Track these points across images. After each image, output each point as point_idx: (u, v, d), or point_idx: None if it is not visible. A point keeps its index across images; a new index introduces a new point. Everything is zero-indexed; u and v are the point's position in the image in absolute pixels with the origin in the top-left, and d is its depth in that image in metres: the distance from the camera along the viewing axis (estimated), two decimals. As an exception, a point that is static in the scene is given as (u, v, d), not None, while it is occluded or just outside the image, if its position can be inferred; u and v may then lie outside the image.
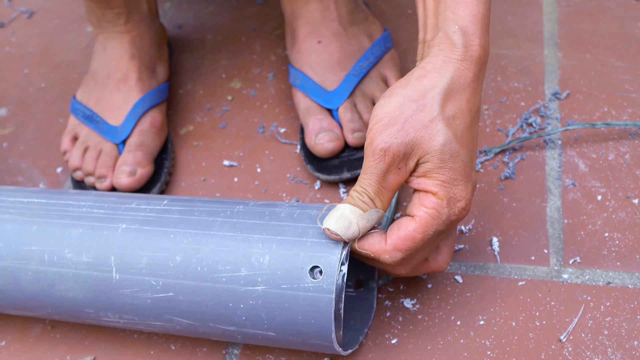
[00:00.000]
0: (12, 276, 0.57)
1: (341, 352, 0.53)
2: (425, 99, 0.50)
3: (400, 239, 0.51)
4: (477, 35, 0.52)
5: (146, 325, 0.56)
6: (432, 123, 0.50)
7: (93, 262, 0.55)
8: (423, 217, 0.51)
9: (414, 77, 0.52)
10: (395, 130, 0.50)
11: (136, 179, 0.72)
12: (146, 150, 0.75)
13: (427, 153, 0.50)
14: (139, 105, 0.76)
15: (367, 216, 0.51)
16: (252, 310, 0.51)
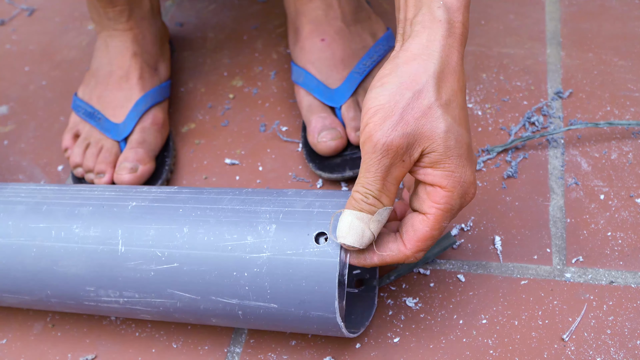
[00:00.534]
0: (17, 252, 0.57)
1: (342, 328, 0.52)
2: (419, 85, 0.49)
3: (419, 240, 0.51)
4: (461, 12, 0.50)
5: (145, 305, 0.55)
6: (431, 110, 0.48)
7: (100, 235, 0.56)
8: (436, 214, 0.50)
9: (402, 62, 0.50)
10: (394, 121, 0.48)
11: (137, 175, 0.72)
12: (148, 148, 0.74)
13: (432, 142, 0.48)
14: (141, 103, 0.76)
15: (377, 217, 0.50)
16: (255, 278, 0.51)
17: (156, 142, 0.76)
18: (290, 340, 0.60)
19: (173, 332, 0.62)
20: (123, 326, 0.63)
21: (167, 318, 0.57)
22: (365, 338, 0.59)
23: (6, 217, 0.59)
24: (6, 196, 0.61)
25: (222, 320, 0.55)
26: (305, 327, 0.53)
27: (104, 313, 0.58)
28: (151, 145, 0.75)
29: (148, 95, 0.77)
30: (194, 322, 0.57)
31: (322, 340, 0.59)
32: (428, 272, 0.62)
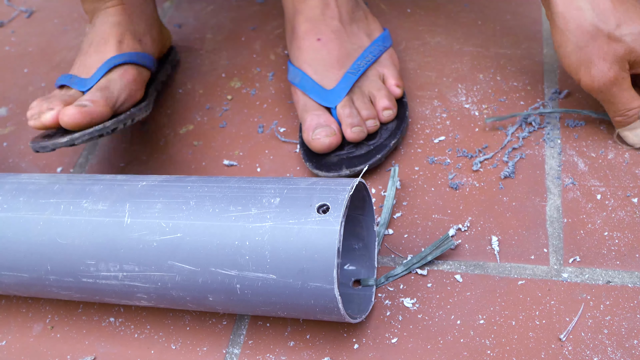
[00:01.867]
0: (24, 225, 0.58)
1: (339, 303, 0.52)
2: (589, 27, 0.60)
3: None
4: None
5: (144, 280, 0.55)
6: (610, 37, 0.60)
7: (108, 209, 0.57)
8: None
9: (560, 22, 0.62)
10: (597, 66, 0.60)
11: (83, 111, 0.65)
12: (108, 94, 0.70)
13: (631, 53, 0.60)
14: (114, 58, 0.73)
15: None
16: (257, 247, 0.52)
17: (121, 95, 0.71)
18: (289, 341, 0.60)
19: (172, 333, 0.62)
20: (122, 327, 0.63)
21: (164, 298, 0.56)
22: (363, 339, 0.59)
23: (19, 194, 0.60)
24: (21, 179, 0.63)
25: (218, 297, 0.55)
26: (302, 305, 0.53)
27: (99, 296, 0.58)
28: (113, 93, 0.71)
29: (124, 55, 0.74)
30: (190, 301, 0.56)
31: (320, 342, 0.59)
32: (425, 273, 0.62)
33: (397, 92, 0.73)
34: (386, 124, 0.72)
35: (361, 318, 0.58)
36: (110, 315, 0.64)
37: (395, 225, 0.67)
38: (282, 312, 0.54)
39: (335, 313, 0.53)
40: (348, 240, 0.64)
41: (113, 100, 0.70)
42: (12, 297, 0.68)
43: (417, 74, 0.81)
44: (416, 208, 0.68)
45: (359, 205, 0.62)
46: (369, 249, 0.63)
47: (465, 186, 0.68)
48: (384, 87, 0.72)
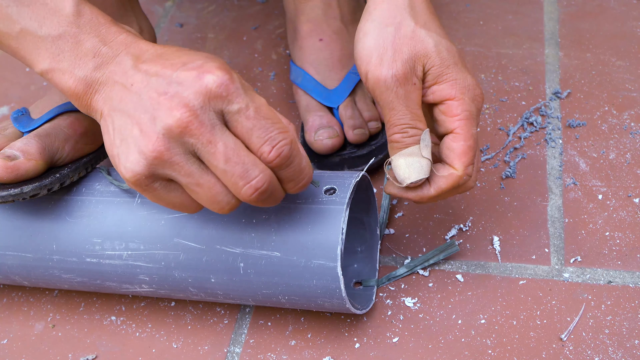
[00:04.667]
0: (34, 205, 0.59)
1: (341, 283, 0.52)
2: (397, 19, 0.53)
3: (462, 155, 0.53)
4: None
5: (147, 260, 0.56)
6: (415, 33, 0.52)
7: (119, 191, 0.58)
8: (461, 125, 0.52)
9: (372, 9, 0.54)
10: (390, 55, 0.52)
11: (10, 166, 0.55)
12: (47, 144, 0.59)
13: (427, 57, 0.52)
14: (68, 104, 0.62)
15: (424, 143, 0.53)
16: (263, 225, 0.53)
17: (62, 145, 0.60)
18: (290, 340, 0.60)
19: (173, 332, 0.62)
20: (123, 326, 0.63)
21: (165, 281, 0.57)
22: (364, 338, 0.59)
23: None
24: None
25: (220, 278, 0.55)
26: (304, 287, 0.53)
27: (100, 279, 0.58)
28: (54, 144, 0.59)
29: None
30: (192, 284, 0.56)
31: (321, 341, 0.59)
32: (427, 273, 0.62)
33: (398, 92, 0.73)
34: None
35: (363, 310, 0.58)
36: (112, 313, 0.65)
37: (396, 225, 0.67)
38: (283, 297, 0.54)
39: (337, 296, 0.53)
40: (351, 243, 0.64)
41: (52, 151, 0.59)
42: (14, 295, 0.68)
43: (418, 74, 0.81)
44: (417, 208, 0.68)
45: (364, 207, 0.62)
46: (372, 250, 0.64)
47: (466, 186, 0.68)
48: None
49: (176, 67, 0.45)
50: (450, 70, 0.52)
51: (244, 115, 0.44)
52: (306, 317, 0.61)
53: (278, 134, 0.45)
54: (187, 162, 0.44)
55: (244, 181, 0.45)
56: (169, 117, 0.43)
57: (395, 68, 0.51)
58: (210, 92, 0.44)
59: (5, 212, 0.60)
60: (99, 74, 0.47)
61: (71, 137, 0.61)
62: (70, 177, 0.59)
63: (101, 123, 0.48)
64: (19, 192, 0.55)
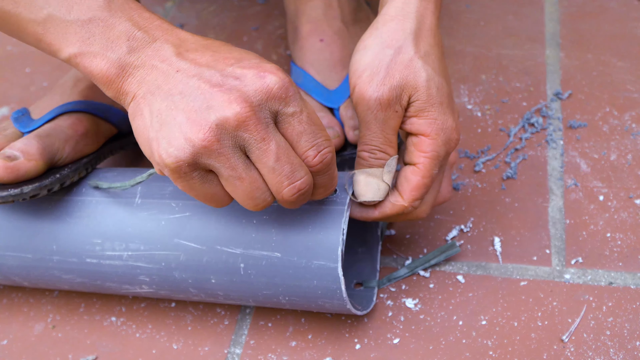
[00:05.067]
0: (34, 205, 0.59)
1: (342, 284, 0.52)
2: (399, 42, 0.52)
3: (413, 190, 0.53)
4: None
5: (148, 261, 0.56)
6: (412, 62, 0.52)
7: (120, 191, 0.58)
8: (425, 162, 0.53)
9: (380, 24, 0.54)
10: (381, 77, 0.52)
11: (10, 166, 0.56)
12: (47, 145, 0.59)
13: (416, 90, 0.52)
14: (70, 104, 0.64)
15: (388, 168, 0.54)
16: (263, 225, 0.53)
17: (62, 146, 0.60)
18: (291, 341, 0.60)
19: (173, 333, 0.62)
20: (124, 327, 0.63)
21: (166, 281, 0.56)
22: (365, 339, 0.59)
23: None
24: None
25: (221, 279, 0.55)
26: (304, 287, 0.53)
27: (100, 280, 0.58)
28: (54, 144, 0.60)
29: (82, 102, 0.65)
30: (192, 285, 0.56)
31: (322, 342, 0.59)
32: (428, 274, 0.62)
33: (399, 92, 0.73)
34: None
35: (363, 311, 0.58)
36: (112, 314, 0.64)
37: (397, 226, 0.66)
38: (283, 298, 0.54)
39: (337, 297, 0.53)
40: (352, 243, 0.64)
41: (52, 151, 0.59)
42: (14, 296, 0.68)
43: (419, 75, 0.81)
44: (418, 209, 0.68)
45: None
46: (372, 252, 0.63)
47: (467, 187, 0.68)
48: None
49: (230, 61, 0.45)
50: (434, 108, 0.52)
51: (297, 119, 0.45)
52: (307, 318, 0.61)
53: (324, 141, 0.46)
54: (234, 155, 0.44)
55: (289, 181, 0.46)
56: (226, 109, 0.43)
57: (381, 91, 0.51)
58: (270, 91, 0.44)
59: (5, 212, 0.60)
60: (134, 57, 0.46)
61: (71, 137, 0.61)
62: (70, 178, 0.59)
63: (132, 106, 0.47)
64: (19, 192, 0.55)
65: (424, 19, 0.54)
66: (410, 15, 0.53)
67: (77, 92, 0.66)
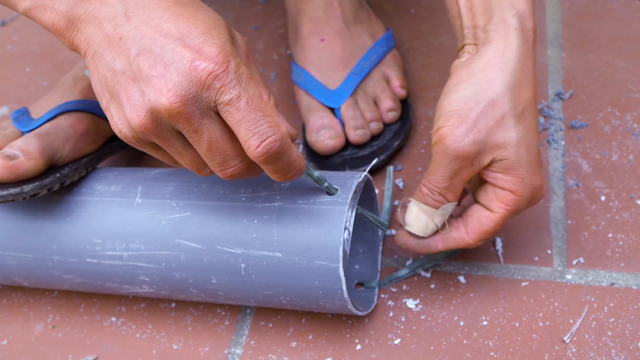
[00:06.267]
0: (34, 205, 0.59)
1: (343, 284, 0.52)
2: (495, 94, 0.50)
3: (483, 234, 0.54)
4: (531, 19, 0.52)
5: (148, 261, 0.55)
6: (504, 119, 0.50)
7: (120, 191, 0.58)
8: (503, 214, 0.53)
9: (478, 69, 0.51)
10: (467, 129, 0.50)
11: (10, 165, 0.56)
12: (47, 144, 0.59)
13: (504, 150, 0.50)
14: (70, 103, 0.64)
15: (442, 212, 0.54)
16: (264, 225, 0.53)
17: (62, 145, 0.61)
18: (291, 342, 0.60)
19: (174, 333, 0.62)
20: (124, 327, 0.63)
21: (166, 281, 0.56)
22: (365, 339, 0.59)
23: None
24: None
25: (221, 279, 0.54)
26: (305, 288, 0.53)
27: (101, 280, 0.58)
28: (54, 143, 0.60)
29: (82, 101, 0.64)
30: (193, 285, 0.56)
31: (322, 342, 0.59)
32: (429, 274, 0.62)
33: (401, 93, 0.73)
34: (390, 125, 0.72)
35: (364, 312, 0.57)
36: (112, 315, 0.64)
37: (398, 226, 0.66)
38: (284, 298, 0.54)
39: (339, 297, 0.52)
40: (353, 244, 0.64)
41: (52, 151, 0.59)
42: (14, 296, 0.68)
43: (420, 75, 0.80)
44: (419, 209, 0.67)
45: (366, 208, 0.62)
46: (374, 252, 0.63)
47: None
48: (388, 88, 0.72)
49: (172, 37, 0.44)
50: (522, 168, 0.51)
51: (235, 107, 0.44)
52: (307, 319, 0.61)
53: (267, 129, 0.44)
54: (171, 138, 0.45)
55: (220, 167, 0.46)
56: (157, 99, 0.43)
57: (463, 143, 0.50)
58: (203, 83, 0.43)
59: (5, 211, 0.60)
60: (80, 10, 0.45)
61: (71, 136, 0.61)
62: (70, 177, 0.59)
63: (85, 62, 0.47)
64: (19, 191, 0.55)
65: (524, 67, 0.51)
66: (510, 63, 0.51)
67: (76, 92, 0.66)
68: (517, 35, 0.51)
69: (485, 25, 0.52)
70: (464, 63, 0.53)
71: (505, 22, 0.52)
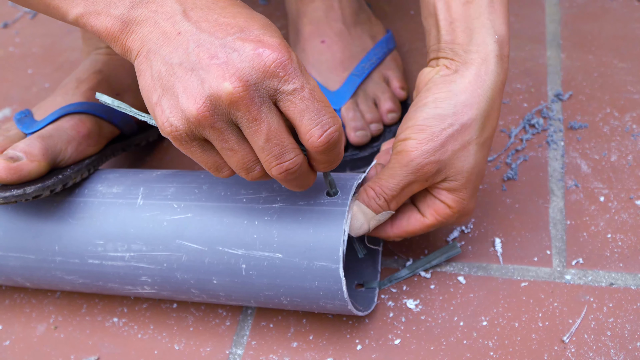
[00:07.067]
0: (36, 206, 0.59)
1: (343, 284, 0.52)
2: (468, 119, 0.52)
3: (407, 232, 0.57)
4: (508, 43, 0.54)
5: (150, 262, 0.56)
6: (469, 146, 0.53)
7: (122, 192, 0.58)
8: (432, 222, 0.56)
9: (459, 90, 0.53)
10: (434, 147, 0.52)
11: (13, 167, 0.56)
12: (49, 146, 0.60)
13: (459, 174, 0.53)
14: (73, 105, 0.64)
15: (379, 217, 0.54)
16: (265, 226, 0.53)
17: (64, 147, 0.61)
18: (292, 342, 0.60)
19: (175, 333, 0.62)
20: (125, 328, 0.64)
21: (167, 282, 0.57)
22: (366, 340, 0.59)
23: None
24: None
25: (222, 280, 0.55)
26: (306, 288, 0.53)
27: (103, 281, 0.58)
28: (56, 145, 0.60)
29: (84, 103, 0.65)
30: (194, 285, 0.56)
31: (323, 342, 0.60)
32: (429, 275, 0.63)
33: (401, 94, 0.73)
34: (390, 126, 0.72)
35: (364, 312, 0.58)
36: (114, 315, 0.65)
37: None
38: (285, 299, 0.54)
39: (339, 298, 0.53)
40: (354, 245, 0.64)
41: (54, 152, 0.60)
42: (16, 297, 0.68)
43: (420, 76, 0.81)
44: (419, 209, 0.68)
45: None
46: (374, 253, 0.64)
47: (468, 188, 0.68)
48: (388, 90, 0.73)
49: (231, 30, 0.44)
50: (466, 192, 0.54)
51: (299, 96, 0.44)
52: (308, 319, 0.61)
53: (329, 119, 0.44)
54: (227, 130, 0.44)
55: (277, 161, 0.45)
56: (219, 85, 0.42)
57: (428, 161, 0.52)
58: (267, 70, 0.43)
59: (7, 213, 0.60)
60: (137, 12, 0.45)
61: (74, 138, 0.62)
62: (72, 179, 0.59)
63: (136, 63, 0.46)
64: (21, 193, 0.55)
65: (496, 96, 0.53)
66: (487, 91, 0.53)
67: (79, 94, 0.66)
68: (497, 62, 0.53)
69: (466, 45, 0.53)
70: (445, 79, 0.54)
71: (487, 46, 0.53)
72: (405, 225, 0.57)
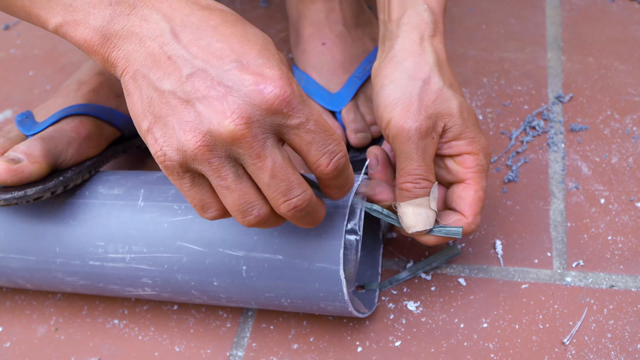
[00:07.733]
0: (37, 208, 0.59)
1: (343, 286, 0.52)
2: (425, 74, 0.54)
3: (474, 206, 0.56)
4: (443, 15, 0.57)
5: (150, 263, 0.56)
6: (442, 92, 0.54)
7: (122, 194, 0.58)
8: (474, 177, 0.56)
9: (401, 59, 0.55)
10: (417, 108, 0.53)
11: (14, 168, 0.56)
12: (50, 147, 0.59)
13: (450, 117, 0.54)
14: (74, 107, 0.64)
15: (433, 195, 0.55)
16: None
17: (65, 148, 0.61)
18: (292, 344, 0.60)
19: (176, 335, 0.62)
20: (126, 329, 0.64)
21: (168, 283, 0.57)
22: (366, 341, 0.59)
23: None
24: None
25: (223, 281, 0.55)
26: (306, 289, 0.53)
27: (103, 282, 0.58)
28: (57, 147, 0.60)
29: (85, 105, 0.65)
30: (195, 287, 0.56)
31: (324, 344, 0.60)
32: (429, 277, 0.63)
33: (401, 95, 0.73)
34: (390, 127, 0.72)
35: (365, 314, 0.58)
36: (115, 317, 0.65)
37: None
38: (285, 300, 0.55)
39: (339, 300, 0.53)
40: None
41: (55, 154, 0.59)
42: (17, 298, 0.68)
43: (421, 78, 0.81)
44: (420, 211, 0.68)
45: None
46: (374, 254, 0.64)
47: (469, 190, 0.68)
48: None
49: (227, 59, 0.42)
50: (470, 130, 0.55)
51: (304, 130, 0.42)
52: (309, 321, 0.61)
53: (335, 146, 0.44)
54: (225, 166, 0.42)
55: (285, 198, 0.43)
56: (220, 123, 0.41)
57: (419, 121, 0.53)
58: (271, 107, 0.41)
59: (8, 215, 0.60)
60: (118, 25, 0.42)
61: (75, 140, 0.62)
62: (73, 180, 0.59)
63: (122, 82, 0.44)
64: (22, 194, 0.55)
65: (440, 53, 0.56)
66: (428, 49, 0.55)
67: (80, 96, 0.66)
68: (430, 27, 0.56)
69: (399, 19, 0.57)
70: (386, 59, 0.56)
71: (420, 16, 0.56)
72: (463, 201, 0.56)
